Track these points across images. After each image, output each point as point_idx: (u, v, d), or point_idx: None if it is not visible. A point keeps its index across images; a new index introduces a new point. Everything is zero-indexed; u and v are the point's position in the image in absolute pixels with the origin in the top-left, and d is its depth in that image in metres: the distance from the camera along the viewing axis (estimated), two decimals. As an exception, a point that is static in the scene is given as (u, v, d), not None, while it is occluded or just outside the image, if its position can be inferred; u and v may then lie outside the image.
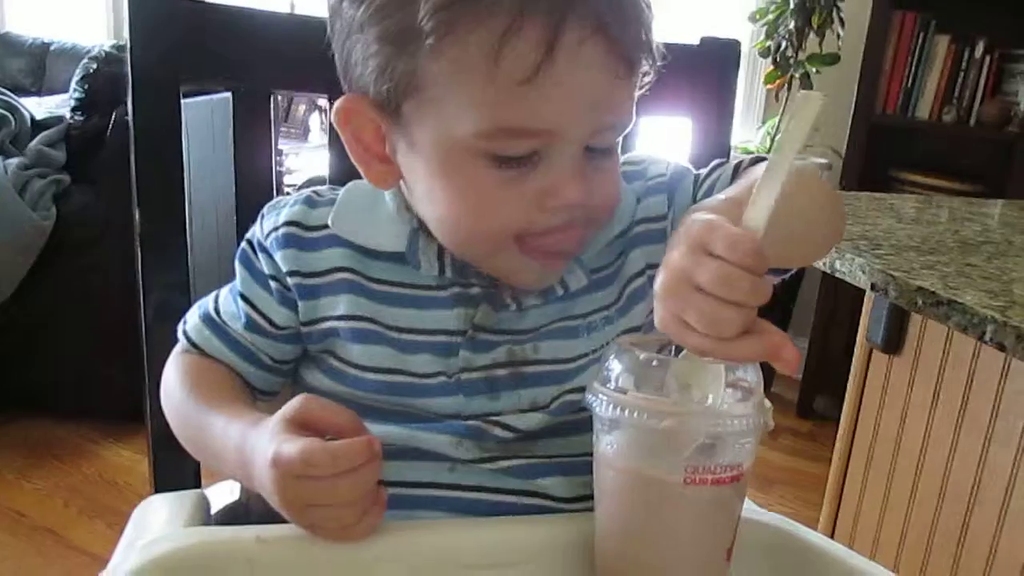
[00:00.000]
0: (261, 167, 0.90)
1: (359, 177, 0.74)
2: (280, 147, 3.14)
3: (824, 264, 1.03)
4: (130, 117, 0.82)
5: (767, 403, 0.56)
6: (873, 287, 0.94)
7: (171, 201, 0.85)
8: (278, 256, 0.70)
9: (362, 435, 0.58)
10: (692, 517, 0.56)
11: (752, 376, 0.56)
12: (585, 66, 0.57)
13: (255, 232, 0.73)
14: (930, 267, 0.97)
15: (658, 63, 0.62)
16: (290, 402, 0.60)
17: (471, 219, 0.62)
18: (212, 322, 0.73)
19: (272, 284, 0.70)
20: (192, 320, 0.74)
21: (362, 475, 0.55)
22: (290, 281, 0.69)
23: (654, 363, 0.55)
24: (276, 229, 0.70)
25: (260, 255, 0.71)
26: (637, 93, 0.63)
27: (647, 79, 0.63)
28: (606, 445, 0.56)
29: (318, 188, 0.74)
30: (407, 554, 0.60)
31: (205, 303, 0.75)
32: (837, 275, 1.01)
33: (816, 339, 3.00)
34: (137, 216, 0.83)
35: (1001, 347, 0.78)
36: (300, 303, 0.70)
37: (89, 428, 2.45)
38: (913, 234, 1.19)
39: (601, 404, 0.54)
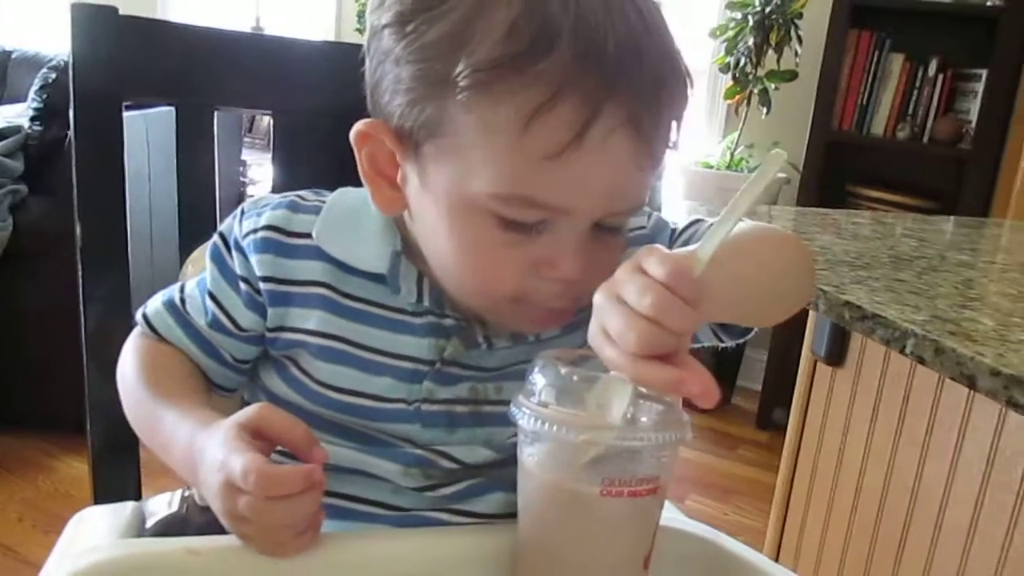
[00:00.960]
0: (203, 182, 0.91)
1: (302, 188, 0.75)
2: (243, 158, 3.14)
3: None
4: (72, 131, 0.83)
5: (685, 417, 0.58)
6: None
7: (112, 215, 0.86)
8: (254, 259, 0.69)
9: (313, 451, 0.58)
10: (609, 527, 0.57)
11: None
12: (610, 156, 0.57)
13: (232, 228, 0.71)
14: (860, 282, 1.00)
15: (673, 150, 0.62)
16: (247, 408, 0.60)
17: (468, 269, 0.63)
18: (176, 311, 0.72)
19: (242, 286, 0.70)
20: (154, 305, 0.73)
21: (298, 502, 0.55)
22: (263, 286, 0.69)
23: (575, 378, 0.56)
24: (255, 231, 0.69)
25: (234, 254, 0.70)
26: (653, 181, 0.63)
27: (662, 168, 0.63)
28: (528, 456, 0.58)
29: (303, 193, 0.72)
30: (337, 565, 0.61)
31: (170, 291, 0.74)
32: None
33: (775, 352, 3.05)
34: (78, 229, 0.84)
35: (921, 360, 0.81)
36: (270, 309, 0.69)
37: (43, 440, 2.44)
38: (850, 249, 1.22)
39: (523, 417, 0.56)
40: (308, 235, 0.69)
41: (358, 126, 0.64)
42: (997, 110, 2.71)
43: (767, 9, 2.87)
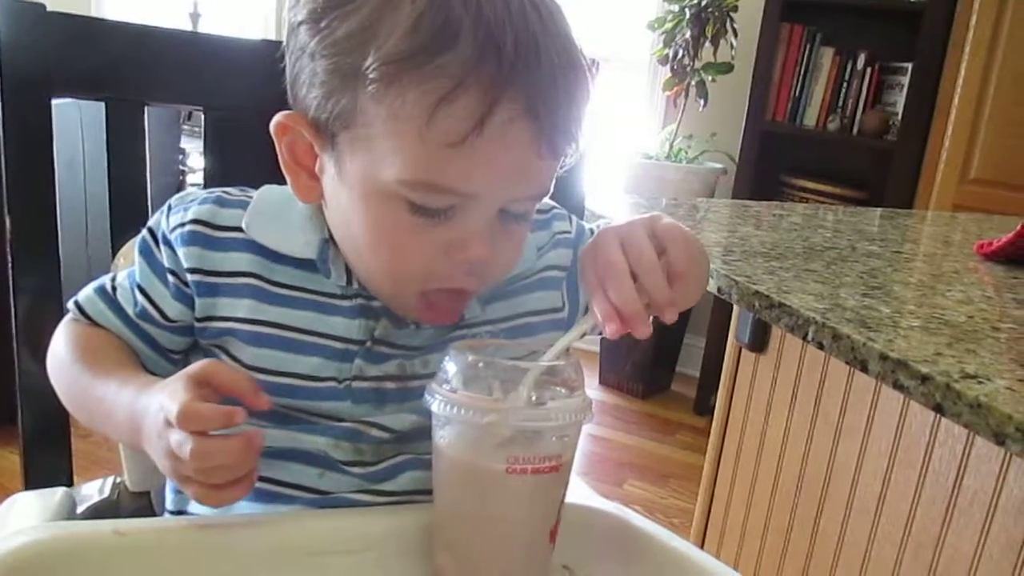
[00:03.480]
0: (135, 175, 0.93)
1: (235, 183, 0.77)
2: (182, 146, 3.11)
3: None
4: (0, 125, 0.84)
5: (587, 399, 0.62)
6: (719, 291, 1.01)
7: (43, 208, 0.87)
8: (181, 252, 0.71)
9: (259, 396, 0.61)
10: (514, 503, 0.61)
11: (575, 375, 0.62)
12: (510, 143, 0.60)
13: (160, 223, 0.73)
14: (771, 272, 1.05)
15: (581, 149, 0.66)
16: (194, 364, 0.62)
17: (380, 254, 0.66)
18: (108, 296, 0.74)
19: (170, 278, 0.72)
20: (85, 293, 0.75)
21: (222, 441, 0.58)
22: (190, 278, 0.71)
23: (480, 364, 0.61)
24: (183, 225, 0.71)
25: (162, 247, 0.73)
26: (558, 170, 0.67)
27: (570, 159, 0.66)
28: (439, 438, 0.62)
29: (228, 189, 0.75)
30: (256, 544, 0.64)
31: (101, 280, 0.76)
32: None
33: (712, 339, 3.12)
34: (8, 223, 0.85)
35: (820, 346, 0.86)
36: (198, 300, 0.71)
37: (-26, 431, 2.41)
38: (766, 240, 1.27)
39: (435, 402, 0.60)
40: (234, 228, 0.72)
41: (278, 118, 0.67)
42: (921, 103, 2.80)
43: (703, 2, 2.93)
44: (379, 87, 0.59)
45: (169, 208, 0.74)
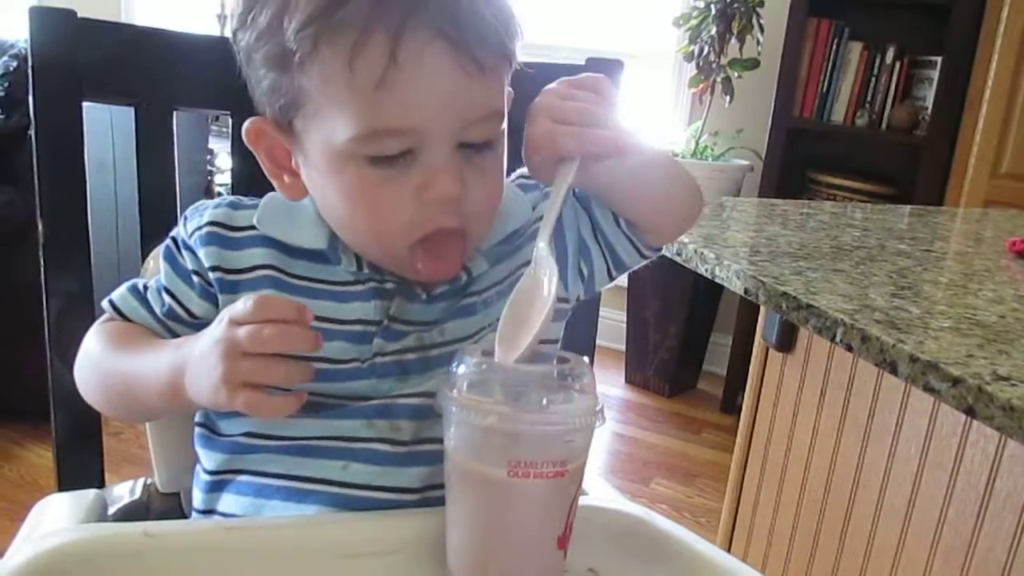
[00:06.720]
0: (165, 178, 0.93)
1: (263, 186, 0.79)
2: (210, 147, 3.13)
3: (706, 270, 1.10)
4: (32, 130, 0.85)
5: (597, 403, 0.60)
6: (746, 292, 1.00)
7: (74, 213, 0.88)
8: (201, 252, 0.74)
9: (305, 313, 0.63)
10: (517, 508, 0.60)
11: (586, 379, 0.61)
12: (429, 69, 0.62)
13: (179, 231, 0.76)
14: (799, 272, 1.04)
15: (514, 65, 0.69)
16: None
17: (362, 219, 0.68)
18: (140, 295, 0.77)
19: (195, 279, 0.74)
20: (119, 292, 0.78)
21: (292, 330, 0.61)
22: (212, 276, 0.73)
23: (484, 367, 0.60)
24: (200, 228, 0.74)
25: (184, 252, 0.75)
26: (506, 88, 0.69)
27: (508, 71, 0.69)
28: (447, 440, 0.61)
29: (239, 197, 0.78)
30: (285, 545, 0.64)
31: (133, 281, 0.79)
32: (717, 280, 1.07)
33: (739, 338, 3.10)
34: (40, 225, 0.86)
35: (849, 348, 0.85)
36: (220, 296, 0.74)
37: (11, 429, 2.45)
38: (793, 240, 1.25)
39: (441, 403, 0.60)
40: (249, 228, 0.75)
41: (246, 125, 0.71)
42: (951, 97, 2.77)
43: (729, -2, 2.91)
44: (302, 56, 0.62)
45: (186, 218, 0.77)
